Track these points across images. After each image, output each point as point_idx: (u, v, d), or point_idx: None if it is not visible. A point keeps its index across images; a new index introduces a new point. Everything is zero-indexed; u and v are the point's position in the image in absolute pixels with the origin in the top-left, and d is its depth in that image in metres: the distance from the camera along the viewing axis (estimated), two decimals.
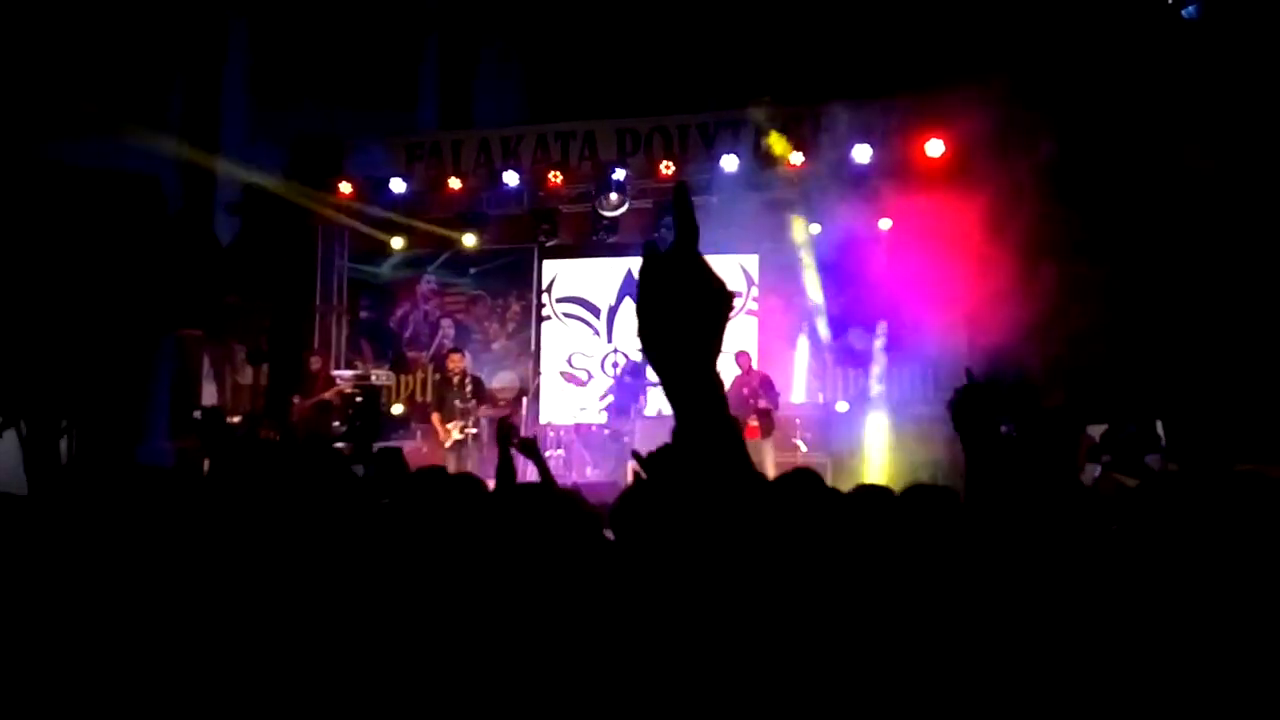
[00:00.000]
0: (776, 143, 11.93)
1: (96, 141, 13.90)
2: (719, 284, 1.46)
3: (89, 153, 13.79)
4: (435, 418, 11.36)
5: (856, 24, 10.43)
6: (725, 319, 1.42)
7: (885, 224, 11.80)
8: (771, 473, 10.59)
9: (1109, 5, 9.81)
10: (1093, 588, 1.73)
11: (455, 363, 11.56)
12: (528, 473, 11.47)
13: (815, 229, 12.21)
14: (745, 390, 10.96)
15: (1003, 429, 2.93)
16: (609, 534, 2.66)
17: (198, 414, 12.17)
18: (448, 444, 11.04)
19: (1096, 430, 9.36)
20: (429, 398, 12.78)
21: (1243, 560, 1.57)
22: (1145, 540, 1.69)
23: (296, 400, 11.79)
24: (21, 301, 11.39)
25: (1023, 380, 9.37)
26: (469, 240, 13.65)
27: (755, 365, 11.67)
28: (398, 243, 13.97)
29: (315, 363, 12.34)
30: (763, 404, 10.85)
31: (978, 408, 2.73)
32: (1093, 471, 9.05)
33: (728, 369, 11.67)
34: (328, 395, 11.99)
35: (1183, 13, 9.27)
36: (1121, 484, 7.12)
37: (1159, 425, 9.25)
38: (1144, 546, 1.69)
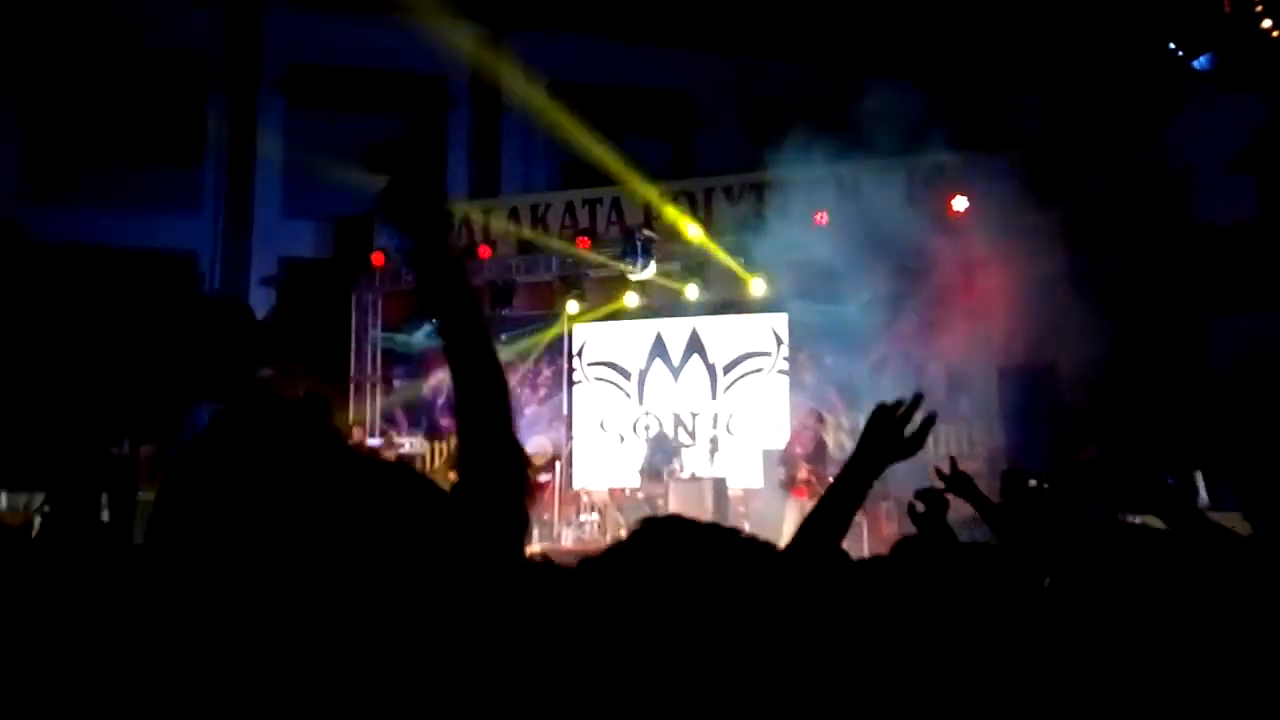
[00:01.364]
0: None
1: (133, 220, 14.26)
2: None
3: (125, 232, 14.14)
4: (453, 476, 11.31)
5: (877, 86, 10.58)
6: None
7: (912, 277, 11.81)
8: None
9: (1122, 57, 9.92)
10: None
11: None
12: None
13: (840, 281, 12.24)
14: (798, 449, 10.87)
15: (1032, 482, 2.95)
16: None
17: None
18: None
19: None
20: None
21: None
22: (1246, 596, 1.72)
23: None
24: (60, 379, 11.60)
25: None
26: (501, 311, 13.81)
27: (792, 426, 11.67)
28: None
29: (356, 434, 12.44)
30: (803, 473, 10.73)
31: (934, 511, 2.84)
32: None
33: (757, 428, 11.67)
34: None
35: (1194, 64, 9.35)
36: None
37: (1198, 476, 9.15)
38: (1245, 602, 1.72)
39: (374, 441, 13.20)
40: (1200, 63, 9.33)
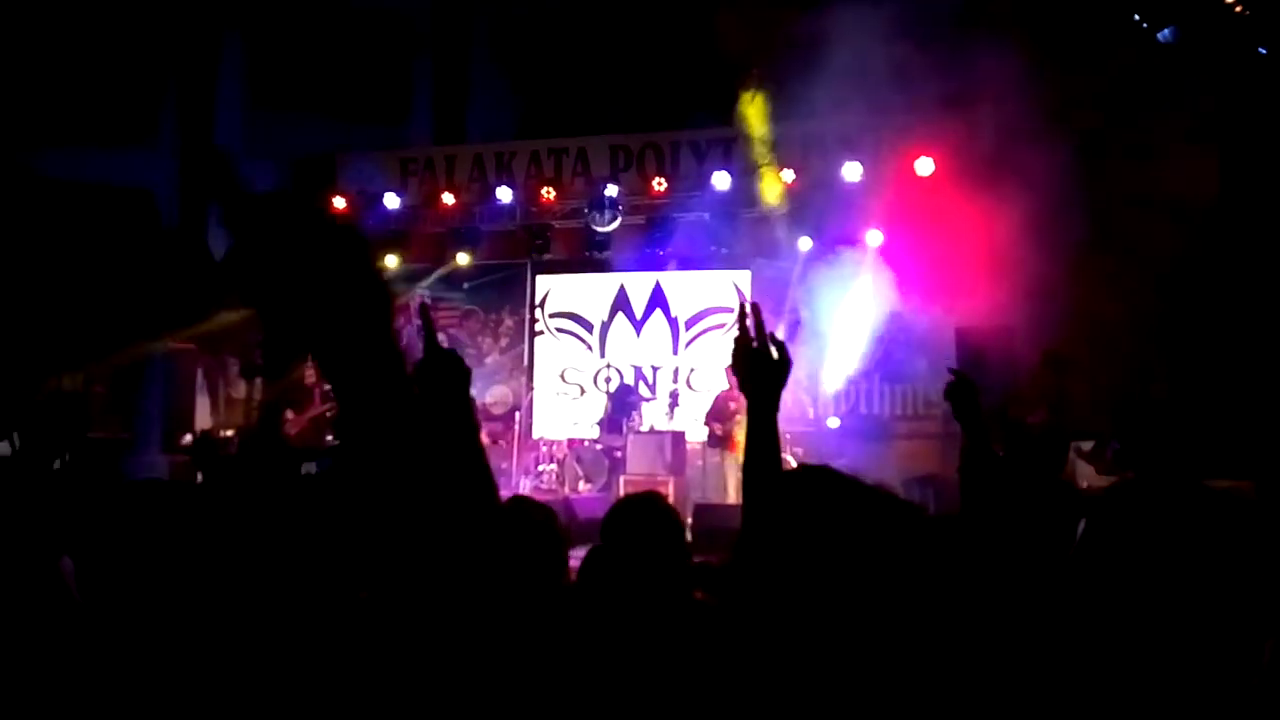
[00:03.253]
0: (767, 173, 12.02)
1: (92, 156, 13.96)
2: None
3: (84, 167, 13.85)
4: None
5: (847, 43, 10.54)
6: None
7: (875, 238, 11.88)
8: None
9: (1087, 32, 9.94)
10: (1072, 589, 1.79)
11: None
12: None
13: (806, 243, 12.28)
14: (732, 404, 11.04)
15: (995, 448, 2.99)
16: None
17: (189, 438, 12.18)
18: None
19: (1084, 445, 9.46)
20: None
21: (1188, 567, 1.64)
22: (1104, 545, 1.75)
23: (290, 415, 11.78)
24: (14, 315, 11.41)
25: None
26: (462, 259, 13.71)
27: None
28: (391, 258, 14.03)
29: (310, 375, 12.32)
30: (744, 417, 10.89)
31: (969, 397, 2.89)
32: (1083, 473, 9.16)
33: (718, 384, 11.74)
34: (322, 409, 11.99)
35: (1158, 36, 9.40)
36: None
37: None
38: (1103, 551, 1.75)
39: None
40: (1164, 35, 9.37)
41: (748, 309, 2.02)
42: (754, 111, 11.93)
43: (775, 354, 2.03)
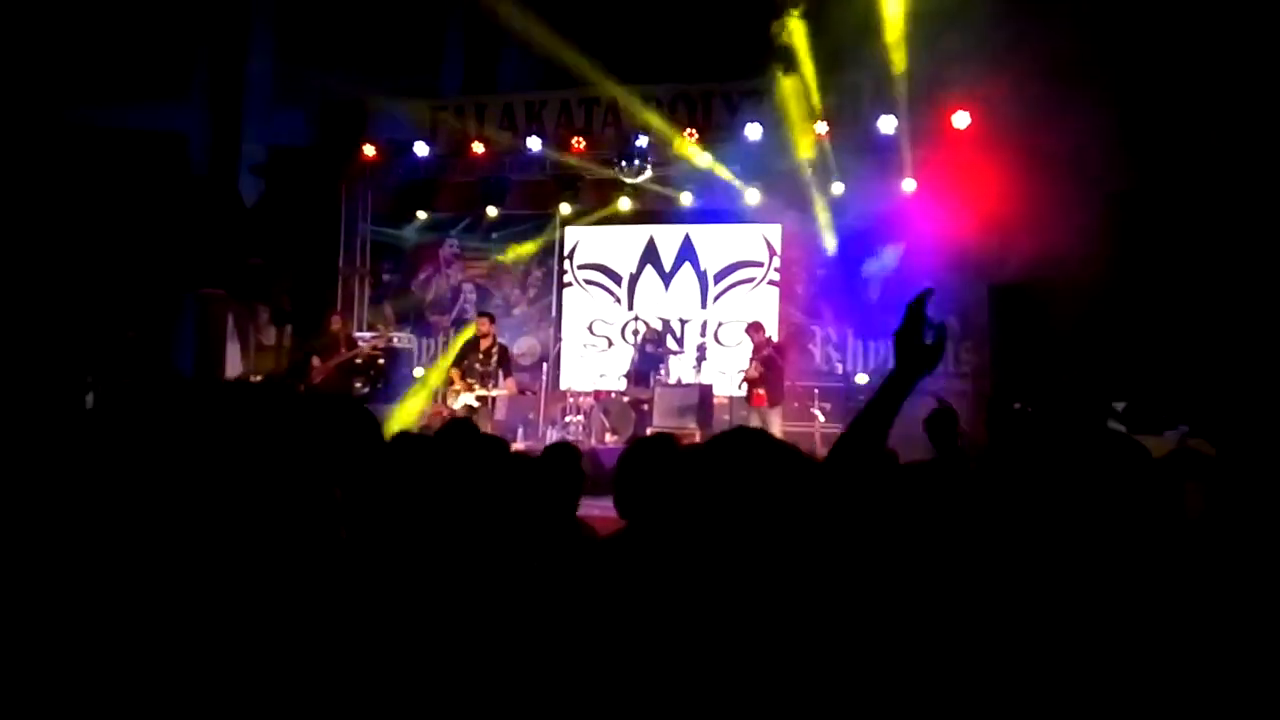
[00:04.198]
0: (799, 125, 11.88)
1: (123, 103, 13.98)
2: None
3: (116, 114, 13.87)
4: (454, 373, 11.24)
5: None
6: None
7: (909, 185, 11.72)
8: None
9: None
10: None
11: (483, 326, 11.22)
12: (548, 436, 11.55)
13: (839, 189, 12.13)
14: (756, 359, 11.02)
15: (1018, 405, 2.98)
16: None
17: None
18: (456, 405, 10.80)
19: (1118, 406, 9.36)
20: (450, 358, 12.60)
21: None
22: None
23: (317, 361, 11.82)
24: (47, 260, 11.50)
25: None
26: (491, 211, 13.69)
27: (776, 336, 11.74)
28: (420, 207, 14.03)
29: (336, 323, 12.35)
30: (753, 371, 10.88)
31: (946, 426, 2.94)
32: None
33: (744, 340, 11.69)
34: (349, 356, 12.03)
35: None
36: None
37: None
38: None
39: (365, 335, 13.18)
40: None
41: (926, 295, 2.04)
42: (788, 61, 11.75)
43: (931, 341, 2.08)
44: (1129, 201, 9.89)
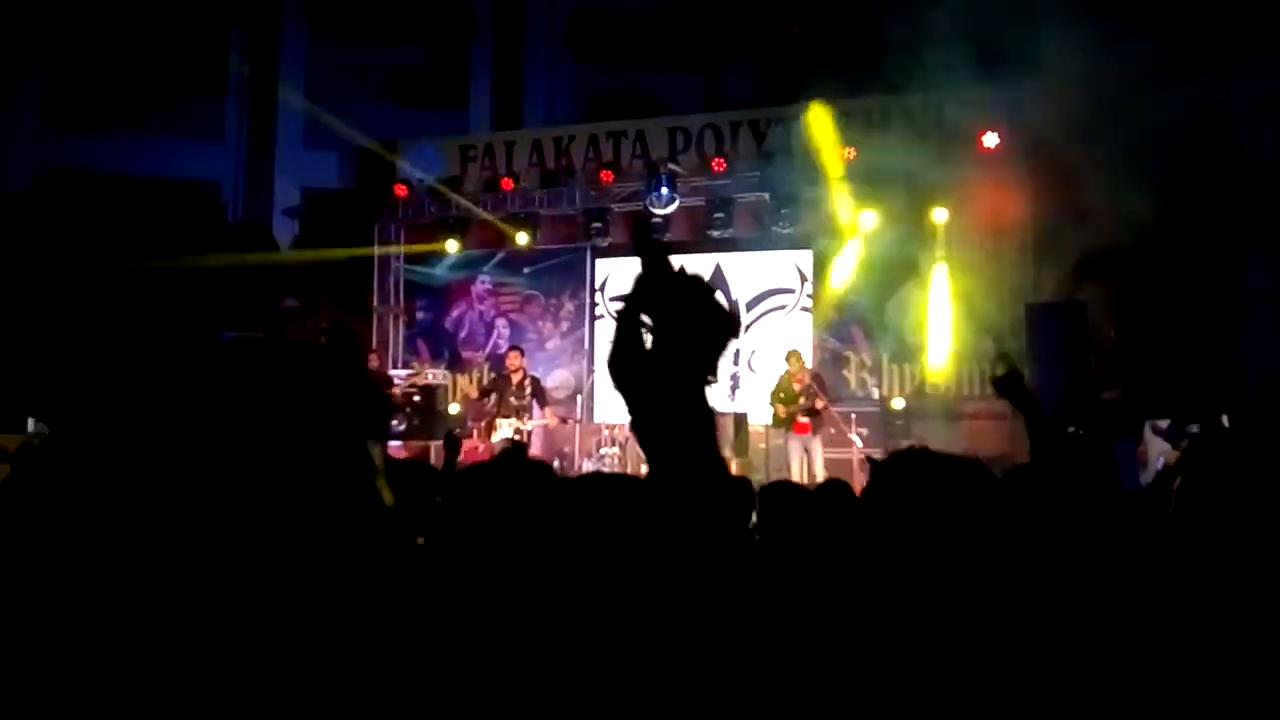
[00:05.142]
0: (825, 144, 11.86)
1: (158, 148, 14.22)
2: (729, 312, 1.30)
3: (149, 159, 14.10)
4: (491, 406, 11.33)
5: (904, 19, 10.34)
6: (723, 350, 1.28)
7: (940, 208, 11.65)
8: (821, 467, 10.59)
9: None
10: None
11: (514, 360, 11.44)
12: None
13: (868, 218, 12.08)
14: (796, 387, 10.97)
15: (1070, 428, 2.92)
16: None
17: None
18: (495, 439, 10.88)
19: (1160, 423, 9.23)
20: (486, 393, 12.64)
21: None
22: None
23: None
24: (82, 308, 11.66)
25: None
26: (522, 239, 13.74)
27: (809, 364, 11.68)
28: (452, 244, 14.11)
29: (373, 361, 12.44)
30: (818, 404, 10.86)
31: (1018, 387, 2.85)
32: (1159, 450, 8.94)
33: (778, 367, 11.62)
34: (387, 394, 12.08)
35: None
36: None
37: (1225, 420, 9.07)
38: None
39: (400, 372, 13.24)
40: None
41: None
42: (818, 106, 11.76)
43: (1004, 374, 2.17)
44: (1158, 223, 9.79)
